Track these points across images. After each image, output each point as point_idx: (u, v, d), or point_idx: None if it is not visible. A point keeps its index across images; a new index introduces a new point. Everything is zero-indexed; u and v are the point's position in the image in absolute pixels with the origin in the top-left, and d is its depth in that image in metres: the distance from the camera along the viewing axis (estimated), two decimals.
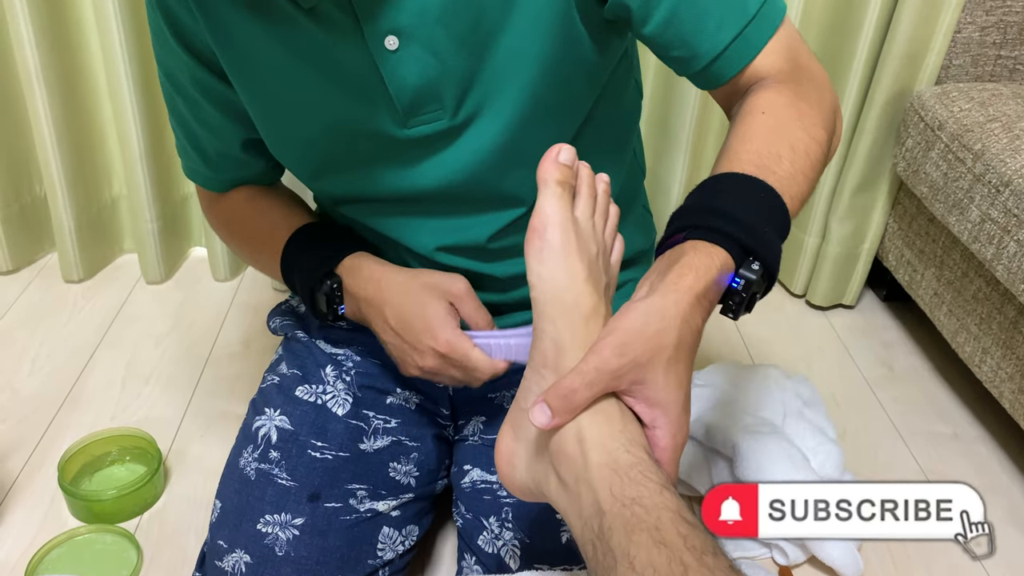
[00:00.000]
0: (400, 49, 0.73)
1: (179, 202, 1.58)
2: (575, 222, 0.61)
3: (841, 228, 1.51)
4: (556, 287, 0.59)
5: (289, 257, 0.88)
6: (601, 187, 0.66)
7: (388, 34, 0.73)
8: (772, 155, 0.66)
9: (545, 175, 0.60)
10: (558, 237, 0.59)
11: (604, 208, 0.66)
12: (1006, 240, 1.12)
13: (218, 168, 0.93)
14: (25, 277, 1.55)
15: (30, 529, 1.04)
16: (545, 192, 0.60)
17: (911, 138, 1.34)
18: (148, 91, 1.40)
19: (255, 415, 0.91)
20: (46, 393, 1.27)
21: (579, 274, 0.59)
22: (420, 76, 0.75)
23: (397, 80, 0.75)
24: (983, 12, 1.32)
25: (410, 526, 0.90)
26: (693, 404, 1.22)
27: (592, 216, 0.64)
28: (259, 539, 0.82)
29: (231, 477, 0.88)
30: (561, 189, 0.60)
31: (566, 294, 0.59)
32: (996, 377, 1.22)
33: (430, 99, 0.77)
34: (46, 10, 1.32)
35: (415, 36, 0.73)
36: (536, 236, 0.60)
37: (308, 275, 0.85)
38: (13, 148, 1.48)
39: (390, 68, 0.74)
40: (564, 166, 0.61)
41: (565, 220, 0.60)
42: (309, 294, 0.85)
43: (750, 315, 0.69)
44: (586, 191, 0.64)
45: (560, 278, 0.59)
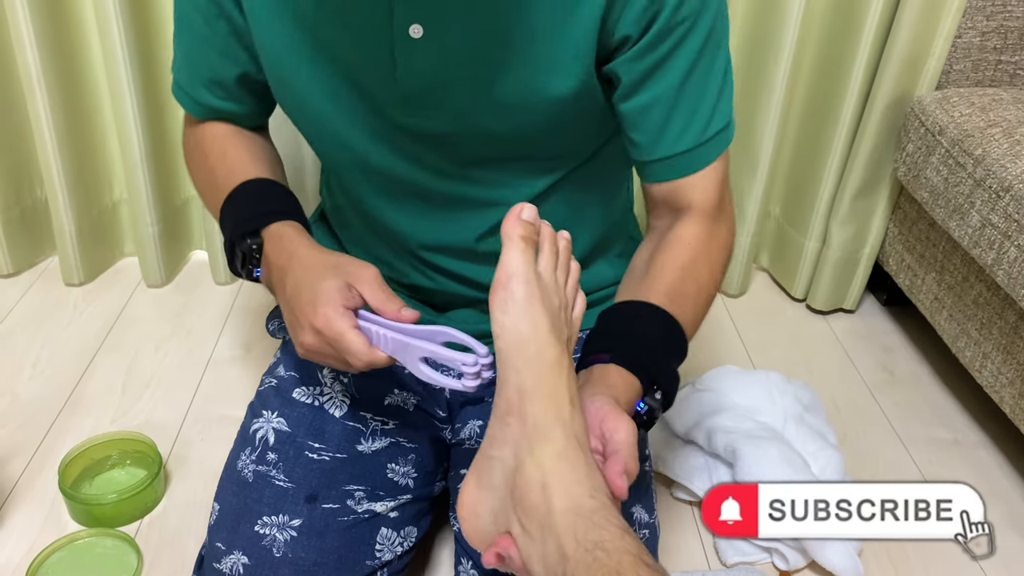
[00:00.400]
0: (422, 39, 0.75)
1: (180, 206, 1.58)
2: (538, 276, 0.64)
3: (842, 232, 1.51)
4: (520, 338, 0.61)
5: (228, 205, 0.86)
6: (562, 244, 0.68)
7: (416, 22, 0.74)
8: (681, 293, 0.79)
9: (509, 231, 0.63)
10: (522, 289, 0.61)
11: (566, 264, 0.68)
12: (1007, 245, 1.12)
13: (206, 94, 0.91)
14: (26, 280, 1.55)
15: (30, 533, 1.04)
16: (509, 246, 0.62)
17: (912, 143, 1.34)
18: (149, 94, 1.40)
19: (253, 418, 0.92)
20: (46, 397, 1.27)
21: (542, 325, 0.61)
22: (431, 71, 0.76)
23: (408, 68, 0.76)
24: (983, 17, 1.32)
25: (408, 527, 0.90)
26: (695, 408, 1.23)
27: (555, 271, 0.66)
28: (257, 540, 0.82)
29: (229, 479, 0.89)
30: (524, 244, 0.63)
31: (530, 345, 0.61)
32: (997, 382, 1.22)
33: (432, 98, 0.78)
34: (47, 12, 1.32)
35: (440, 34, 0.74)
36: (500, 288, 0.62)
37: (234, 228, 0.83)
38: (14, 151, 1.48)
39: (405, 53, 0.75)
40: (527, 223, 0.63)
41: (528, 273, 0.62)
42: (230, 247, 0.84)
43: (750, 319, 0.72)
44: (548, 247, 0.66)
45: (524, 329, 0.61)
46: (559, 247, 0.68)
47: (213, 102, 0.92)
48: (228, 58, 0.87)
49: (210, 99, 0.91)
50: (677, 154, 0.82)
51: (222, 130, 0.94)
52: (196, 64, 0.90)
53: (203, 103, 0.92)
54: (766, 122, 1.43)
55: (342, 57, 0.79)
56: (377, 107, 0.81)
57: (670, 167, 0.83)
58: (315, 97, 0.83)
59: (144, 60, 1.37)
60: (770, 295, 1.66)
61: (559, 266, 0.67)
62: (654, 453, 1.17)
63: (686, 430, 1.18)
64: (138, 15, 1.34)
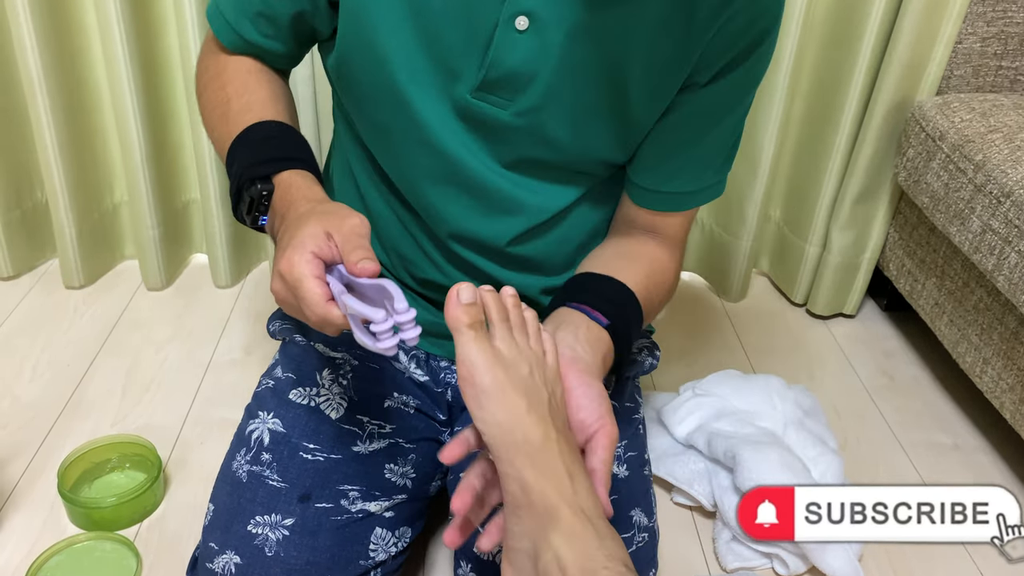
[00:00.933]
0: (525, 33, 0.75)
1: (181, 209, 1.58)
2: (499, 355, 0.64)
3: (842, 237, 1.51)
4: (502, 428, 0.62)
5: (240, 145, 0.81)
6: (510, 303, 0.68)
7: (525, 14, 0.75)
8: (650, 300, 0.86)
9: (454, 323, 0.63)
10: (488, 379, 0.62)
11: (520, 323, 0.68)
12: (1007, 251, 1.12)
13: (249, 27, 0.86)
14: (26, 283, 1.55)
15: (29, 536, 1.04)
16: (460, 340, 0.63)
17: (912, 148, 1.35)
18: (150, 97, 1.41)
19: (249, 419, 0.92)
20: (46, 399, 1.26)
21: (519, 408, 0.62)
22: (521, 64, 0.77)
23: (501, 54, 0.77)
24: (984, 23, 1.33)
25: (403, 527, 0.90)
26: (695, 413, 1.23)
27: (513, 339, 0.66)
28: (249, 540, 0.82)
29: (224, 480, 0.89)
30: (474, 332, 0.63)
31: (514, 433, 0.62)
32: (997, 388, 1.22)
33: (512, 88, 0.79)
34: (48, 16, 1.32)
35: (545, 32, 0.75)
36: (467, 384, 0.63)
37: (245, 170, 0.78)
38: (15, 154, 1.48)
39: (503, 41, 0.76)
40: (470, 306, 0.63)
41: (488, 359, 0.63)
42: (237, 190, 0.79)
43: (751, 324, 0.74)
44: (497, 317, 0.66)
45: (503, 419, 0.62)
46: (508, 309, 0.67)
47: (255, 37, 0.87)
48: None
49: (252, 33, 0.86)
50: (667, 192, 0.89)
51: (248, 64, 0.89)
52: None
53: (244, 36, 0.87)
54: (767, 126, 1.44)
55: (434, 22, 0.77)
56: (452, 79, 0.80)
57: (657, 200, 0.89)
58: (392, 54, 0.80)
59: (145, 63, 1.37)
60: (770, 300, 1.66)
61: (515, 329, 0.67)
62: (654, 458, 1.17)
63: (686, 435, 1.18)
64: (139, 18, 1.35)
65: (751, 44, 0.80)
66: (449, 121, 0.82)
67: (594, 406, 0.69)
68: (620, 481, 0.91)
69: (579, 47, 0.76)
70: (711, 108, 0.84)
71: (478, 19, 0.76)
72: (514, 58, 0.77)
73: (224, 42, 0.88)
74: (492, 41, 0.76)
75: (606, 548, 0.59)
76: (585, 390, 0.69)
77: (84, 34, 1.40)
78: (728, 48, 0.79)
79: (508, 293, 0.68)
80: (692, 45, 0.78)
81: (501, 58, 0.77)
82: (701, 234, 1.65)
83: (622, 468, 0.91)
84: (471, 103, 0.80)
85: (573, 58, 0.77)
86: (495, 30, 0.76)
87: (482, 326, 0.64)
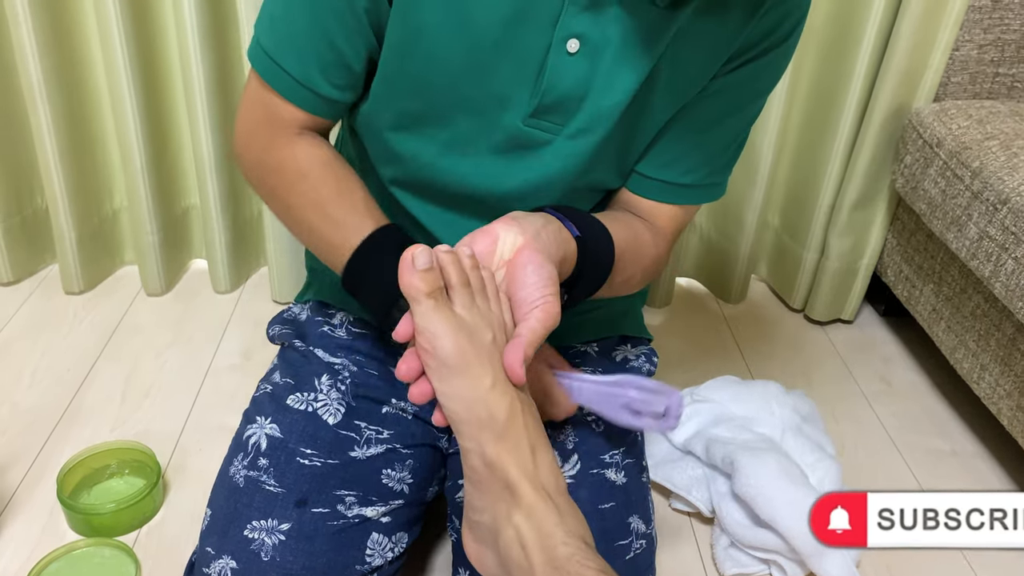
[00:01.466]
0: (576, 56, 0.76)
1: (180, 214, 1.58)
2: (462, 323, 0.61)
3: (840, 243, 1.51)
4: (466, 404, 0.60)
5: (372, 252, 0.76)
6: (467, 264, 0.64)
7: (575, 37, 0.75)
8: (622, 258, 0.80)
9: (411, 291, 0.60)
10: (452, 351, 0.59)
11: (480, 286, 0.64)
12: (1004, 257, 1.12)
13: (321, 81, 0.78)
14: (26, 288, 1.56)
15: (28, 542, 1.04)
16: (419, 311, 0.60)
17: (910, 155, 1.35)
18: (151, 103, 1.41)
19: (247, 424, 0.92)
20: (45, 405, 1.27)
21: (484, 382, 0.60)
22: (573, 88, 0.78)
23: (554, 79, 0.77)
24: (981, 30, 1.33)
25: (400, 533, 0.90)
26: (693, 418, 1.23)
27: (474, 304, 0.62)
28: (245, 545, 0.82)
29: (221, 485, 0.89)
30: (434, 300, 0.60)
31: (477, 407, 0.60)
32: (994, 393, 1.22)
33: (564, 111, 0.79)
34: (49, 21, 1.33)
35: (594, 54, 0.76)
36: (428, 357, 0.60)
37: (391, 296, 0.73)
38: (15, 159, 1.49)
39: (556, 65, 0.76)
40: (426, 272, 0.60)
41: (451, 329, 0.60)
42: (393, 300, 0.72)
43: (749, 330, 0.74)
44: (458, 281, 0.62)
45: (466, 392, 0.60)
46: (466, 270, 0.63)
47: (328, 91, 0.79)
48: (360, 36, 0.76)
49: (325, 87, 0.79)
50: (666, 180, 0.88)
51: (320, 155, 0.81)
52: (317, 44, 0.76)
53: (317, 91, 0.79)
54: (765, 133, 1.44)
55: (488, 54, 0.76)
56: (502, 108, 0.79)
57: (652, 189, 0.88)
58: (442, 85, 0.78)
59: (145, 69, 1.38)
60: (769, 305, 1.66)
61: (476, 294, 0.63)
62: (652, 464, 1.17)
63: (684, 441, 1.18)
64: (139, 24, 1.35)
65: (772, 43, 0.81)
66: (494, 142, 0.82)
67: (540, 283, 0.65)
68: (618, 488, 0.91)
69: (624, 66, 0.77)
70: (718, 102, 0.84)
71: (530, 46, 0.76)
72: (567, 81, 0.77)
73: (294, 101, 0.79)
74: (545, 66, 0.76)
75: (566, 525, 0.58)
76: (535, 268, 0.65)
77: (84, 40, 1.40)
78: (752, 47, 0.81)
79: (465, 254, 0.65)
80: (720, 51, 0.80)
81: (555, 83, 0.77)
82: (700, 240, 1.66)
83: (620, 475, 0.91)
84: (523, 130, 0.80)
85: (618, 77, 0.78)
86: (547, 55, 0.76)
87: (442, 293, 0.61)
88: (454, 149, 0.82)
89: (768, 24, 0.80)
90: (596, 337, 1.03)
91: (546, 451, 0.62)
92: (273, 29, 0.78)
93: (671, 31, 0.76)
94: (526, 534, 0.58)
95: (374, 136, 0.85)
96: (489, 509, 0.61)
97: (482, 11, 0.74)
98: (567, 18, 0.74)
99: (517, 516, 0.59)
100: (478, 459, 0.60)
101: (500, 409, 0.60)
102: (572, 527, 0.59)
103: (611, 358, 1.03)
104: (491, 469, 0.60)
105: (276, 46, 0.77)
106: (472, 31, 0.75)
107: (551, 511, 0.59)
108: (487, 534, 0.62)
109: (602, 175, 0.87)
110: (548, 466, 0.61)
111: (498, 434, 0.60)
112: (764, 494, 1.03)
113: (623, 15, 0.75)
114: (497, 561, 0.62)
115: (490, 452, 0.60)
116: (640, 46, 0.77)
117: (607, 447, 0.93)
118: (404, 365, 0.62)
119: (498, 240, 0.68)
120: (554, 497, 0.60)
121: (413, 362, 0.62)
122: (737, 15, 0.78)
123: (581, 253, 0.74)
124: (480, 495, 0.61)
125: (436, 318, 0.59)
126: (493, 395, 0.60)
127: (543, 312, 0.64)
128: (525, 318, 0.64)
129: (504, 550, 0.59)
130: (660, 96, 0.81)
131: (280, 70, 0.78)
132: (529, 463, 0.60)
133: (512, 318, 0.66)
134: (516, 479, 0.59)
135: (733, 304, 1.64)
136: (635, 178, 0.89)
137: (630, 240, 0.83)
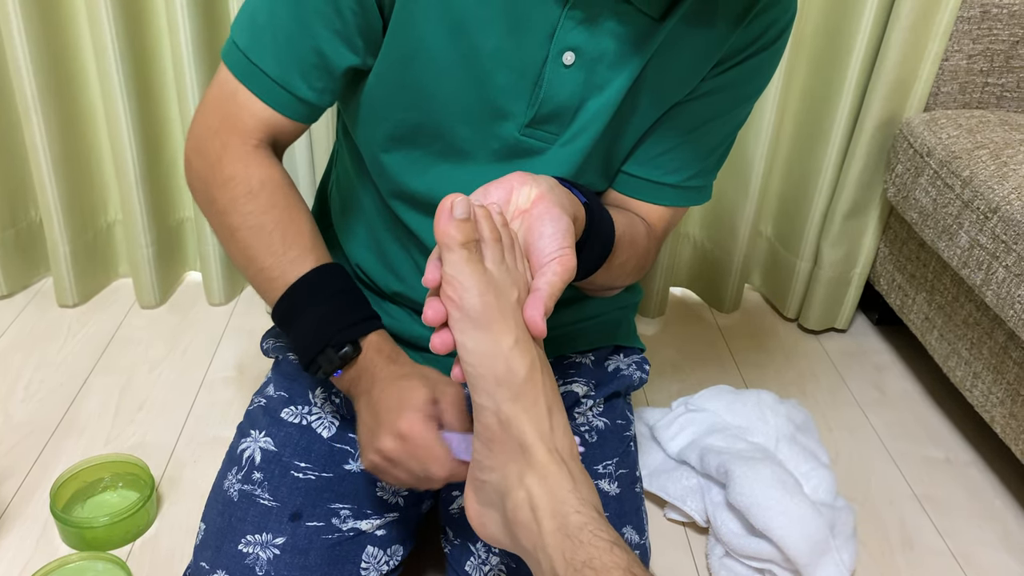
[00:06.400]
0: (572, 68, 0.77)
1: (174, 227, 1.58)
2: (490, 278, 0.59)
3: (833, 252, 1.52)
4: (485, 358, 0.58)
5: (307, 294, 0.78)
6: (499, 220, 0.63)
7: (571, 50, 0.76)
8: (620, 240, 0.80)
9: (446, 239, 0.58)
10: (478, 305, 0.58)
11: (511, 243, 0.63)
12: (995, 266, 1.13)
13: (300, 84, 0.78)
14: (20, 302, 1.56)
15: (22, 556, 1.04)
16: (451, 259, 0.58)
17: (901, 164, 1.36)
18: (145, 116, 1.41)
19: (241, 437, 0.92)
20: (39, 419, 1.26)
21: (507, 340, 0.58)
22: (569, 98, 0.79)
23: (551, 90, 0.78)
24: (970, 40, 1.34)
25: (395, 546, 0.90)
26: (688, 428, 1.23)
27: (503, 261, 0.61)
28: (240, 559, 0.82)
29: (215, 499, 0.89)
30: (467, 251, 0.58)
31: (497, 364, 0.58)
32: (987, 401, 1.23)
33: (560, 121, 0.81)
34: (43, 34, 1.33)
35: (588, 66, 0.77)
36: (454, 307, 0.58)
37: (328, 329, 0.78)
38: (9, 172, 1.49)
39: (553, 77, 0.78)
40: (463, 222, 0.58)
41: (480, 283, 0.58)
42: (320, 347, 0.78)
43: (743, 339, 0.74)
44: (489, 235, 0.61)
45: (488, 348, 0.58)
46: (498, 227, 0.62)
47: (306, 93, 0.79)
48: (346, 43, 0.77)
49: (303, 89, 0.79)
50: (654, 180, 0.89)
51: (276, 175, 0.81)
52: (299, 45, 0.76)
53: (295, 92, 0.79)
54: (757, 143, 1.45)
55: (485, 66, 0.77)
56: (499, 119, 0.80)
57: (640, 188, 0.89)
58: (440, 96, 0.79)
59: (140, 82, 1.38)
60: (762, 315, 1.66)
61: (506, 250, 0.61)
62: (646, 474, 1.17)
63: (679, 451, 1.19)
64: (134, 37, 1.35)
65: (759, 47, 0.83)
66: (486, 159, 0.83)
67: (559, 235, 0.64)
68: (611, 498, 0.91)
69: (614, 70, 0.79)
70: (706, 105, 0.85)
71: (527, 58, 0.77)
72: (563, 93, 0.79)
73: (269, 102, 0.79)
74: (542, 78, 0.78)
75: (579, 492, 0.56)
76: (553, 219, 0.64)
77: (78, 53, 1.40)
78: (739, 52, 0.82)
79: (496, 211, 0.63)
80: (707, 57, 0.81)
81: (552, 94, 0.79)
82: (693, 250, 1.66)
83: (613, 485, 0.92)
84: (520, 139, 0.82)
85: (608, 81, 0.79)
86: (543, 68, 0.77)
87: (476, 245, 0.59)
88: (451, 159, 0.83)
89: (755, 31, 0.81)
90: (591, 347, 1.03)
91: (561, 414, 0.60)
92: (253, 29, 0.77)
93: (660, 37, 0.78)
94: (538, 497, 0.56)
95: (373, 149, 0.86)
96: (499, 469, 0.59)
97: (479, 24, 0.75)
98: (563, 32, 0.75)
99: (529, 478, 0.57)
100: (493, 416, 0.58)
101: (520, 367, 0.58)
102: (585, 495, 0.57)
103: (604, 368, 1.03)
104: (505, 428, 0.58)
105: (254, 46, 0.77)
106: (470, 43, 0.76)
107: (565, 476, 0.57)
108: (493, 495, 0.60)
109: (590, 178, 0.87)
110: (563, 430, 0.59)
111: (515, 392, 0.58)
112: (759, 504, 1.03)
113: (616, 27, 0.76)
114: (502, 523, 0.60)
115: (506, 410, 0.58)
116: (630, 52, 0.78)
117: (600, 457, 0.93)
118: (430, 311, 0.60)
119: (513, 190, 0.66)
120: (568, 462, 0.58)
121: (439, 307, 0.60)
122: (724, 23, 0.79)
123: (588, 218, 0.73)
124: (491, 454, 0.59)
125: (467, 270, 0.58)
126: (514, 353, 0.58)
127: (560, 265, 0.63)
128: (542, 271, 0.63)
129: (512, 512, 0.57)
130: (646, 99, 0.82)
131: (256, 70, 0.77)
132: (545, 424, 0.58)
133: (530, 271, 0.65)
134: (531, 440, 0.57)
135: (726, 314, 1.64)
136: (622, 177, 0.90)
137: (627, 225, 0.84)
